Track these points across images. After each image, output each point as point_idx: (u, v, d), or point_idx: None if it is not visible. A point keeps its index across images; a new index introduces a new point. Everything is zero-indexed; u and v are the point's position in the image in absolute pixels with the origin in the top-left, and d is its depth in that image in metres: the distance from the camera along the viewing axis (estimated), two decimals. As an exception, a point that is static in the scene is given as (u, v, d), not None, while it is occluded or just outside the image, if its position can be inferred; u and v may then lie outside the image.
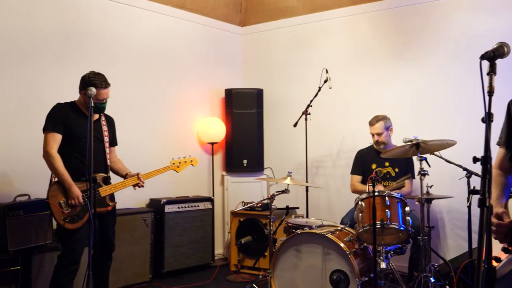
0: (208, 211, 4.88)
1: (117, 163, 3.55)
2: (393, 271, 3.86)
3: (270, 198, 3.85)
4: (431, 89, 4.60)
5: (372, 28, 5.02)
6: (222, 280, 4.53)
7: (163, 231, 4.48)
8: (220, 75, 5.67)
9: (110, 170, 3.49)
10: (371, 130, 4.15)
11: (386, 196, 3.27)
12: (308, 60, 5.39)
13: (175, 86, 5.16)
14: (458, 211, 4.33)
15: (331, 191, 5.17)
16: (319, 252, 3.32)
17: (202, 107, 5.45)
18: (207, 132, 5.28)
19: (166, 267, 4.48)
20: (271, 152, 5.62)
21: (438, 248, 4.45)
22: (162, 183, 4.69)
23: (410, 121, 4.61)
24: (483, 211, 1.36)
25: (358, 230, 3.28)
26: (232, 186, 5.45)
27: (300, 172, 5.10)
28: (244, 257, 4.73)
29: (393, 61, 4.84)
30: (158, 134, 4.96)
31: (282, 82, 5.61)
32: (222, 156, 5.59)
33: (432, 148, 3.43)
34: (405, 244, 3.42)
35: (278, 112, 5.58)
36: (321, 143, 5.21)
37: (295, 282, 3.39)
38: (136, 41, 4.80)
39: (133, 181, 3.39)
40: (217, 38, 5.66)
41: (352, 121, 5.01)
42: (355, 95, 5.05)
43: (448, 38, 4.52)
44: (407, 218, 3.25)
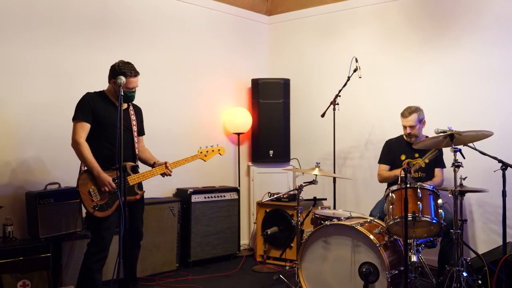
0: (234, 201, 4.88)
1: (145, 153, 3.56)
2: (423, 264, 3.80)
3: (298, 189, 3.81)
4: (465, 78, 4.46)
5: (403, 14, 4.89)
6: (248, 270, 4.53)
7: (189, 220, 4.50)
8: (247, 65, 5.63)
9: (138, 160, 3.51)
10: (404, 122, 4.04)
11: (418, 188, 3.19)
12: (336, 49, 5.29)
13: (202, 76, 5.15)
14: (491, 205, 4.21)
15: (358, 183, 5.09)
16: (348, 244, 3.27)
17: (228, 97, 5.43)
18: (233, 122, 5.26)
19: (192, 257, 4.51)
20: (297, 143, 5.57)
21: (468, 242, 4.35)
22: (188, 173, 4.71)
23: (443, 111, 4.49)
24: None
25: (388, 223, 3.21)
26: (258, 177, 5.43)
27: (327, 163, 5.04)
28: (270, 248, 4.71)
29: (425, 49, 4.71)
30: (185, 123, 4.97)
31: (309, 71, 5.53)
32: (248, 146, 5.57)
33: (466, 140, 3.32)
34: (436, 237, 3.34)
35: (305, 102, 5.52)
36: (349, 133, 5.13)
37: (323, 274, 3.35)
38: (163, 31, 4.79)
39: (161, 170, 3.41)
40: (243, 28, 5.62)
41: (381, 111, 4.91)
42: (385, 85, 4.94)
43: (485, 23, 4.36)
44: (439, 211, 3.17)
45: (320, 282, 3.36)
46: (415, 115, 3.97)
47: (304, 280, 3.42)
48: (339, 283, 3.27)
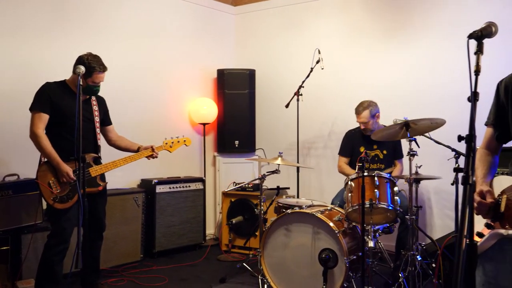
0: (200, 191, 4.90)
1: (123, 140, 3.57)
2: (381, 250, 3.93)
3: (260, 178, 3.86)
4: (422, 70, 4.60)
5: (365, 8, 4.99)
6: (213, 259, 4.57)
7: (154, 211, 4.50)
8: (213, 55, 5.63)
9: (118, 149, 3.55)
10: (357, 119, 4.13)
11: (375, 177, 3.29)
12: (301, 40, 5.35)
13: (167, 66, 5.12)
14: (446, 192, 4.38)
15: (322, 172, 5.20)
16: (309, 231, 3.34)
17: (194, 87, 5.42)
18: (199, 113, 5.26)
19: (157, 247, 4.52)
20: (263, 133, 5.62)
21: (425, 228, 4.51)
22: (153, 163, 4.62)
23: (401, 101, 4.62)
24: (466, 188, 1.37)
25: (347, 210, 3.31)
26: (224, 167, 5.46)
27: (292, 153, 5.12)
28: (235, 237, 4.77)
29: (386, 41, 4.83)
30: (149, 114, 4.94)
31: (274, 62, 5.58)
32: (213, 136, 5.59)
33: (421, 129, 3.44)
34: (393, 224, 3.46)
35: (270, 93, 5.57)
36: (313, 124, 5.21)
37: (285, 261, 3.42)
38: (127, 20, 4.74)
39: (146, 153, 3.46)
40: (209, 18, 5.60)
41: (344, 102, 5.00)
42: (347, 76, 5.04)
43: (439, 18, 4.51)
44: (395, 198, 3.28)
45: (282, 268, 3.43)
46: (367, 112, 4.05)
47: (266, 267, 3.49)
48: (300, 269, 3.35)
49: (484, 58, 1.55)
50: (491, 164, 1.95)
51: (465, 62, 1.51)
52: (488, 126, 1.99)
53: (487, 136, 1.99)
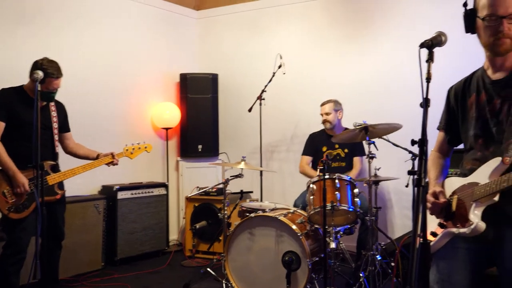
0: (162, 197, 4.85)
1: (81, 148, 3.49)
2: (343, 251, 4.02)
3: (224, 182, 3.88)
4: (380, 75, 4.74)
5: (325, 14, 5.09)
6: (176, 265, 4.53)
7: (115, 218, 4.42)
8: (175, 59, 5.59)
9: (76, 157, 3.45)
10: (321, 110, 4.34)
11: (336, 179, 3.36)
12: (263, 45, 5.41)
13: (130, 70, 5.06)
14: (405, 192, 4.50)
15: (285, 175, 5.25)
16: (272, 234, 3.38)
17: (156, 92, 5.37)
18: (161, 117, 5.22)
19: (119, 254, 4.44)
20: (226, 137, 5.63)
21: (385, 228, 4.64)
22: (115, 169, 4.51)
23: (362, 106, 4.74)
24: (419, 190, 1.44)
25: (309, 212, 3.37)
26: (187, 172, 5.44)
27: (255, 156, 5.14)
28: (199, 242, 4.75)
29: (346, 47, 4.95)
30: (111, 119, 4.85)
31: (237, 67, 5.61)
32: (176, 141, 5.56)
33: (379, 132, 3.55)
34: (354, 225, 3.54)
35: (233, 97, 5.59)
36: (276, 128, 5.27)
37: (249, 264, 3.44)
38: (88, 23, 4.65)
39: (105, 160, 3.38)
40: (172, 22, 5.57)
41: (306, 106, 5.09)
42: (309, 81, 5.13)
43: (397, 25, 4.66)
44: (355, 199, 3.36)
45: (246, 272, 3.45)
46: (331, 104, 4.27)
47: (230, 271, 3.50)
48: (264, 272, 3.38)
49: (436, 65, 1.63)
50: (443, 166, 2.04)
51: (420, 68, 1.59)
52: (440, 130, 2.08)
53: (439, 140, 2.08)
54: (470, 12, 1.82)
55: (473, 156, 1.86)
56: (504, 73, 1.81)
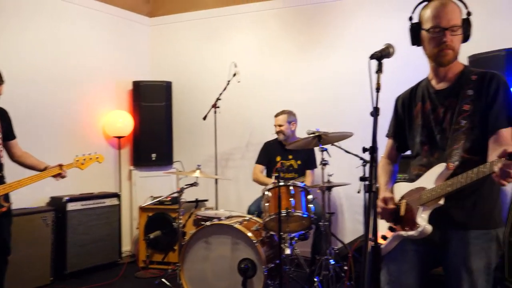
0: (115, 207, 4.74)
1: (29, 158, 3.33)
2: (298, 256, 4.08)
3: (179, 191, 3.85)
4: (332, 84, 4.87)
5: (280, 24, 5.19)
6: (130, 277, 4.43)
7: (65, 230, 4.27)
8: (128, 66, 5.51)
9: (22, 166, 3.29)
10: (275, 122, 4.39)
11: (290, 186, 3.42)
12: (218, 54, 5.43)
13: (81, 78, 4.93)
14: (356, 197, 4.63)
15: (240, 183, 5.27)
16: (228, 242, 3.38)
17: (108, 100, 5.25)
18: (113, 126, 5.11)
19: (69, 268, 4.28)
20: (180, 145, 5.59)
21: (338, 233, 4.74)
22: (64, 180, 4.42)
23: (314, 114, 4.85)
24: (370, 195, 1.50)
25: (265, 219, 3.40)
26: (140, 181, 5.34)
27: (210, 164, 5.13)
28: (153, 253, 4.67)
29: (299, 56, 5.06)
30: (61, 128, 4.71)
31: (191, 75, 5.59)
32: (129, 150, 5.45)
33: (332, 140, 3.65)
34: (308, 230, 3.61)
35: (187, 105, 5.56)
36: (231, 136, 5.29)
37: (205, 273, 3.43)
38: (39, 30, 4.50)
39: (52, 172, 3.22)
40: (124, 29, 5.48)
41: (260, 114, 5.14)
42: (264, 89, 5.20)
43: (347, 36, 4.83)
44: (309, 205, 3.43)
45: (202, 281, 3.43)
46: (285, 116, 4.32)
47: (186, 281, 3.47)
48: (220, 280, 3.38)
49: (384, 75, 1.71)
50: (391, 172, 2.13)
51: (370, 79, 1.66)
52: (388, 137, 2.17)
53: (388, 147, 2.17)
54: (415, 25, 1.93)
55: (419, 162, 1.96)
56: (447, 83, 1.92)
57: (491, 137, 1.77)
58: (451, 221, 1.82)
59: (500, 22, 4.24)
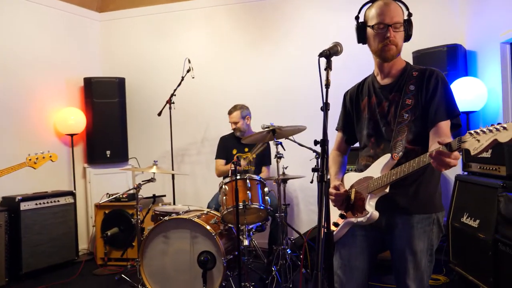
0: (70, 205, 4.68)
1: None
2: (256, 247, 4.19)
3: (136, 188, 3.86)
4: (284, 79, 5.01)
5: (231, 20, 5.25)
6: (88, 275, 4.40)
7: (19, 230, 4.19)
8: (78, 63, 5.40)
9: None
10: (229, 119, 4.44)
11: (247, 179, 3.51)
12: (171, 49, 5.43)
13: (29, 75, 4.79)
14: (310, 189, 4.82)
15: (197, 178, 5.32)
16: (187, 236, 3.44)
17: (58, 97, 5.14)
18: (65, 123, 5.01)
19: (24, 268, 4.20)
20: (135, 141, 5.56)
21: (294, 223, 4.91)
22: (16, 179, 4.34)
23: (268, 108, 4.97)
24: (322, 185, 1.61)
25: (222, 212, 3.48)
26: (95, 178, 5.28)
27: (166, 160, 5.16)
28: (111, 249, 4.65)
29: (252, 52, 5.15)
30: (10, 127, 4.58)
31: (145, 70, 5.56)
32: (83, 147, 5.37)
33: (286, 133, 3.76)
34: (265, 222, 3.72)
35: (142, 101, 5.54)
36: (186, 131, 5.32)
37: (165, 268, 3.47)
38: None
39: None
40: (73, 24, 5.37)
41: (215, 109, 5.20)
42: (218, 84, 5.26)
43: (298, 32, 4.97)
44: (266, 198, 3.54)
45: (162, 275, 3.47)
46: (238, 112, 4.38)
47: (146, 276, 3.49)
48: (180, 274, 3.43)
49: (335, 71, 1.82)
50: (341, 164, 2.27)
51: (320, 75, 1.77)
52: (338, 130, 2.30)
53: (338, 139, 2.31)
54: (361, 24, 2.05)
55: (367, 153, 2.10)
56: (391, 79, 2.06)
57: (431, 129, 1.92)
58: (396, 207, 1.97)
59: (441, 19, 4.51)
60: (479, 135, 1.51)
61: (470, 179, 3.48)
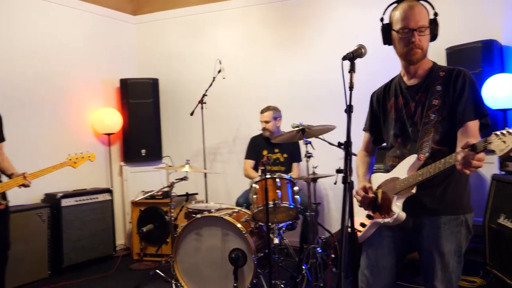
0: (108, 202, 4.86)
1: (4, 161, 3.39)
2: (287, 246, 4.23)
3: (169, 186, 3.97)
4: (314, 78, 5.01)
5: (262, 19, 5.30)
6: (125, 269, 4.57)
7: (60, 225, 4.39)
8: (114, 65, 5.59)
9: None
10: (260, 118, 4.51)
11: (277, 178, 3.56)
12: (203, 50, 5.53)
13: (68, 78, 5.01)
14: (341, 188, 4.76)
15: (228, 176, 5.41)
16: (219, 233, 3.52)
17: (96, 98, 5.34)
18: (103, 123, 5.20)
19: (65, 262, 4.41)
20: (169, 141, 5.70)
21: (325, 222, 4.91)
22: (57, 177, 4.49)
23: (298, 107, 4.99)
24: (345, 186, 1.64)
25: (253, 211, 3.54)
26: (131, 176, 5.45)
27: (198, 159, 5.25)
28: (147, 245, 4.80)
29: (282, 51, 5.18)
30: (52, 128, 4.81)
31: (177, 71, 5.69)
32: (119, 146, 5.55)
33: (315, 133, 3.79)
34: (295, 221, 3.75)
35: (174, 101, 5.67)
36: (218, 130, 5.41)
37: (197, 264, 3.57)
38: (26, 32, 4.57)
39: (16, 181, 3.22)
40: (109, 27, 5.56)
41: (246, 109, 5.27)
42: (249, 84, 5.32)
43: (328, 30, 4.96)
44: (296, 196, 3.57)
45: (195, 272, 3.57)
46: (270, 113, 4.43)
47: (179, 272, 3.60)
48: (212, 270, 3.52)
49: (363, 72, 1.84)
50: (369, 164, 2.28)
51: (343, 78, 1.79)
52: (365, 131, 2.32)
53: (365, 140, 2.32)
54: (386, 26, 2.06)
55: (393, 153, 2.11)
56: (417, 80, 2.06)
57: (459, 130, 1.91)
58: (423, 208, 1.97)
59: (475, 15, 4.40)
60: (505, 136, 1.50)
61: (508, 179, 3.39)
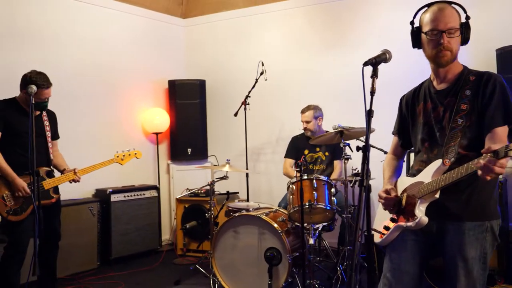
0: (154, 199, 5.08)
1: (57, 158, 3.67)
2: (326, 247, 4.25)
3: (210, 184, 4.11)
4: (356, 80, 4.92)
5: (306, 21, 5.33)
6: (169, 263, 4.76)
7: (109, 219, 4.65)
8: (163, 66, 5.82)
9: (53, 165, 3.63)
10: (301, 118, 4.52)
11: (313, 180, 3.59)
12: (247, 52, 5.64)
13: (120, 79, 5.28)
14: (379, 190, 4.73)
15: (271, 176, 5.48)
16: (255, 232, 3.60)
17: (146, 98, 5.59)
18: (151, 123, 5.44)
19: (113, 254, 4.66)
20: (214, 140, 5.86)
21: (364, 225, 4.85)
22: (107, 173, 4.78)
23: (340, 109, 4.97)
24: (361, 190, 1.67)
25: (289, 211, 3.60)
26: (178, 174, 5.66)
27: (242, 159, 5.36)
28: (190, 241, 4.98)
29: (325, 52, 5.19)
30: (103, 126, 5.08)
31: (223, 73, 5.83)
32: (167, 145, 5.78)
33: (354, 135, 3.78)
34: (333, 222, 3.77)
35: (220, 102, 5.82)
36: (261, 131, 5.50)
37: (234, 261, 3.67)
38: (78, 35, 4.87)
39: (68, 177, 3.51)
40: (159, 30, 5.79)
41: (288, 109, 5.30)
42: (291, 86, 5.37)
43: (373, 32, 4.90)
44: (332, 198, 3.59)
45: (232, 268, 3.68)
46: (311, 112, 4.44)
47: (217, 268, 3.73)
48: (247, 267, 3.61)
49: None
50: (396, 168, 2.28)
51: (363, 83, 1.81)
52: (394, 135, 2.31)
53: (394, 143, 2.32)
54: (416, 29, 2.06)
55: (420, 158, 2.10)
56: (446, 84, 2.04)
57: (487, 135, 1.88)
58: (447, 213, 1.95)
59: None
60: (528, 142, 1.48)
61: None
